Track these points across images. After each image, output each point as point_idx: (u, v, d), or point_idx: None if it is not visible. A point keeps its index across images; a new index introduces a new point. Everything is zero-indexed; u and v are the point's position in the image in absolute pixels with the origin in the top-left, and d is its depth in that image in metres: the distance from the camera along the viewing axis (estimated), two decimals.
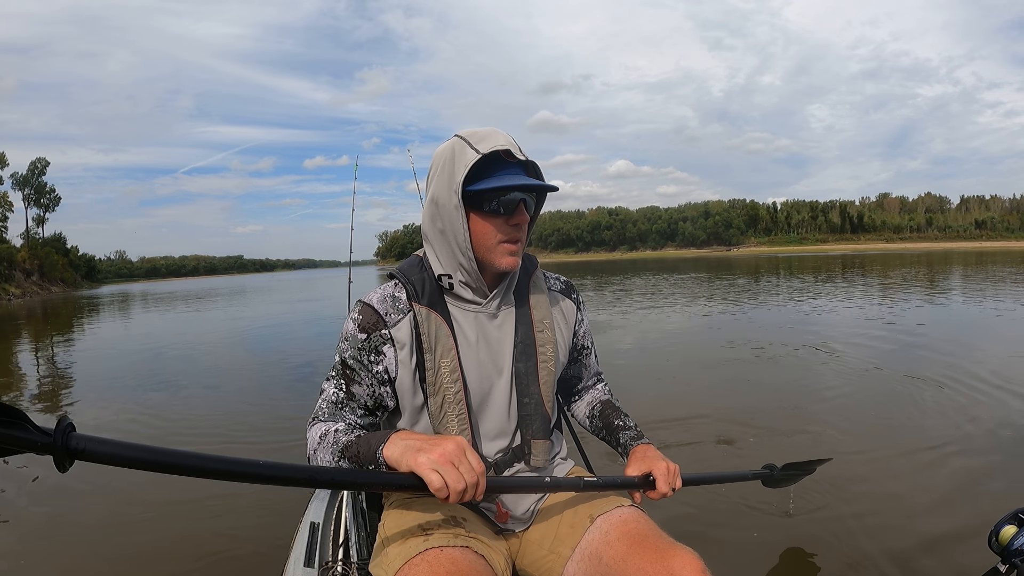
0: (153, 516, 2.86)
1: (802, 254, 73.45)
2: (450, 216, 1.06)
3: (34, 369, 8.91)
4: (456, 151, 1.06)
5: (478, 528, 1.10)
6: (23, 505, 3.13)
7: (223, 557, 2.43)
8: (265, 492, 2.91)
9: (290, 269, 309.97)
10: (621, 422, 1.31)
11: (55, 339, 12.83)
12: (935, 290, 13.60)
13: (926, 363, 5.58)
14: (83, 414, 5.31)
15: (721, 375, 5.62)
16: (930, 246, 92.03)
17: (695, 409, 4.36)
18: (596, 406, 1.37)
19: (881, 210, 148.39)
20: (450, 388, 1.09)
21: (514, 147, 1.07)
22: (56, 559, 2.54)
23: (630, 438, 1.28)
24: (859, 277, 19.66)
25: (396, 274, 1.16)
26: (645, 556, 0.99)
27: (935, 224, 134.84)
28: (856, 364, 5.74)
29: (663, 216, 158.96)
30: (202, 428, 4.65)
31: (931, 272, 20.92)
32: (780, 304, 12.01)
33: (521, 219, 1.08)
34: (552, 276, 1.31)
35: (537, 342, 1.17)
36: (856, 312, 9.99)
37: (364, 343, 1.08)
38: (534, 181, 1.08)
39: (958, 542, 2.18)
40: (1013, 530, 1.11)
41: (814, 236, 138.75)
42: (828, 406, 4.32)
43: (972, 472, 2.88)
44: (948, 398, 4.30)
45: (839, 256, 54.65)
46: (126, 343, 11.82)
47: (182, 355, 9.15)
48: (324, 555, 1.36)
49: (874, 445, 3.32)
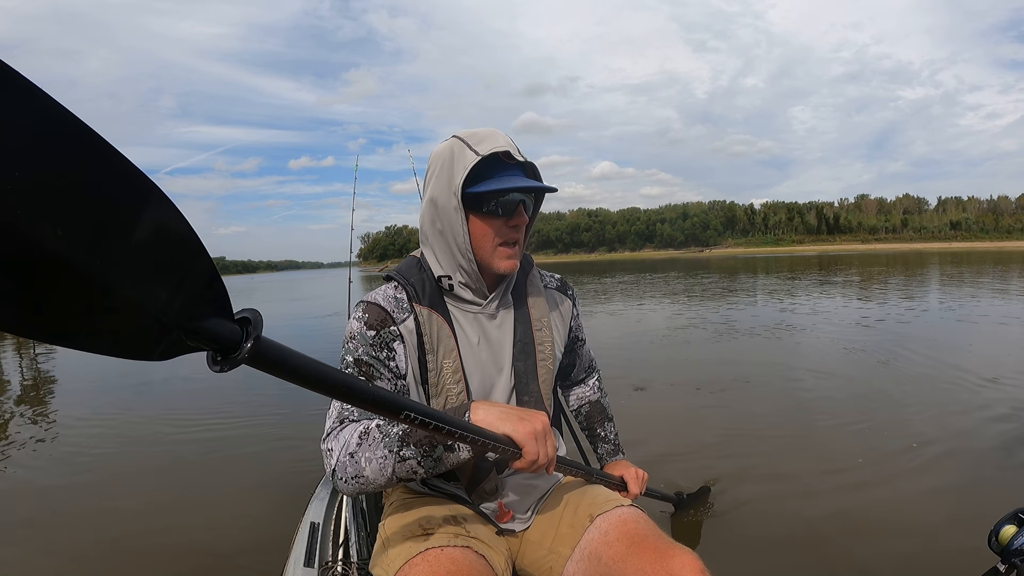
0: (152, 515, 2.81)
1: (774, 255, 73.89)
2: (449, 217, 1.06)
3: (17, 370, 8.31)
4: (455, 152, 1.05)
5: (478, 528, 1.09)
6: (23, 504, 3.06)
7: (223, 557, 2.39)
8: (265, 491, 2.98)
9: (272, 271, 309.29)
10: (603, 432, 1.44)
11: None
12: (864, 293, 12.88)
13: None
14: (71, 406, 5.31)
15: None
16: (901, 247, 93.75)
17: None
18: (585, 406, 1.45)
19: (859, 211, 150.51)
20: (453, 388, 1.09)
21: (513, 148, 1.07)
22: (53, 557, 2.47)
23: (608, 451, 1.43)
24: (808, 278, 18.97)
25: (395, 276, 1.14)
26: (644, 556, 0.99)
27: (910, 225, 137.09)
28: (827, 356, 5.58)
29: (641, 218, 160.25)
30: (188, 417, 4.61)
31: (879, 273, 20.70)
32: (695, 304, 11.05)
33: (520, 221, 1.08)
34: (547, 274, 1.33)
35: (536, 341, 1.18)
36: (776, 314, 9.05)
37: (375, 339, 1.05)
38: (533, 183, 1.08)
39: (958, 542, 2.15)
40: (1013, 530, 1.09)
41: (790, 237, 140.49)
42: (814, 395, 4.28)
43: (972, 472, 2.81)
44: (929, 392, 4.23)
45: (811, 256, 55.56)
46: None
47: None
48: (324, 555, 1.37)
49: (871, 445, 3.20)
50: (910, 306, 9.46)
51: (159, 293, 0.43)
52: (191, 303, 0.45)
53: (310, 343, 9.00)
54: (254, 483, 3.13)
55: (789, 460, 3.02)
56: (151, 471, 3.41)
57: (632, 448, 2.34)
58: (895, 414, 3.69)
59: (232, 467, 3.40)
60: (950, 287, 13.15)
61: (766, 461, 3.02)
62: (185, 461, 3.55)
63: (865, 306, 9.90)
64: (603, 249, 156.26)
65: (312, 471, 2.80)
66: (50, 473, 3.49)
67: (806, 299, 11.48)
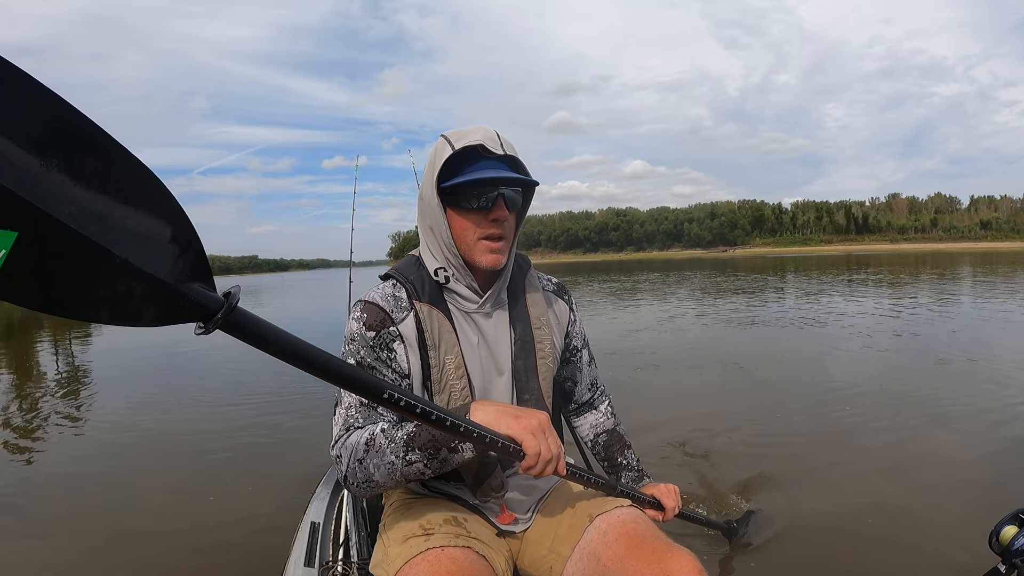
0: (152, 515, 2.84)
1: (801, 254, 73.61)
2: (433, 213, 1.06)
3: (54, 362, 8.90)
4: (438, 148, 1.06)
5: (479, 528, 1.10)
6: (17, 499, 3.14)
7: (223, 556, 2.42)
8: (265, 491, 3.02)
9: (305, 269, 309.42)
10: (624, 460, 1.34)
11: (74, 334, 12.65)
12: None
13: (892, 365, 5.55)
14: (106, 401, 5.51)
15: None
16: (925, 247, 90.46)
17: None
18: (602, 435, 1.36)
19: (890, 211, 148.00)
20: (456, 385, 1.08)
21: (492, 141, 1.04)
22: (51, 555, 2.52)
23: (633, 479, 1.32)
24: (809, 279, 19.37)
25: (393, 274, 1.13)
26: (642, 557, 0.99)
27: (940, 225, 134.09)
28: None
29: (670, 217, 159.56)
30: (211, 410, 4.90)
31: (904, 274, 20.50)
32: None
33: (500, 214, 1.05)
34: (544, 277, 1.30)
35: (535, 339, 1.17)
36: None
37: (374, 341, 1.05)
38: (508, 174, 1.04)
39: (958, 542, 2.18)
40: (1014, 530, 1.08)
41: (819, 237, 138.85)
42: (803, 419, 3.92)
43: (971, 471, 2.86)
44: (934, 394, 4.28)
45: (838, 256, 55.05)
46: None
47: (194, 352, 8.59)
48: (324, 555, 1.37)
49: (871, 445, 3.29)
50: (922, 307, 9.54)
51: (155, 261, 0.51)
52: (182, 272, 0.54)
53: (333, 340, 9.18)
54: (254, 483, 3.16)
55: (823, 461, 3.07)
56: (161, 467, 3.53)
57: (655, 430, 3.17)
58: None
59: (233, 467, 3.45)
60: (979, 288, 13.00)
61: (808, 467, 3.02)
62: (192, 456, 3.69)
63: (882, 307, 9.97)
64: (631, 248, 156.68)
65: (313, 472, 2.59)
66: (77, 464, 3.65)
67: (831, 300, 11.62)
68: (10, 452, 3.99)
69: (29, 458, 3.90)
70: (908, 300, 10.97)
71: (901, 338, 6.71)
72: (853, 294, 12.83)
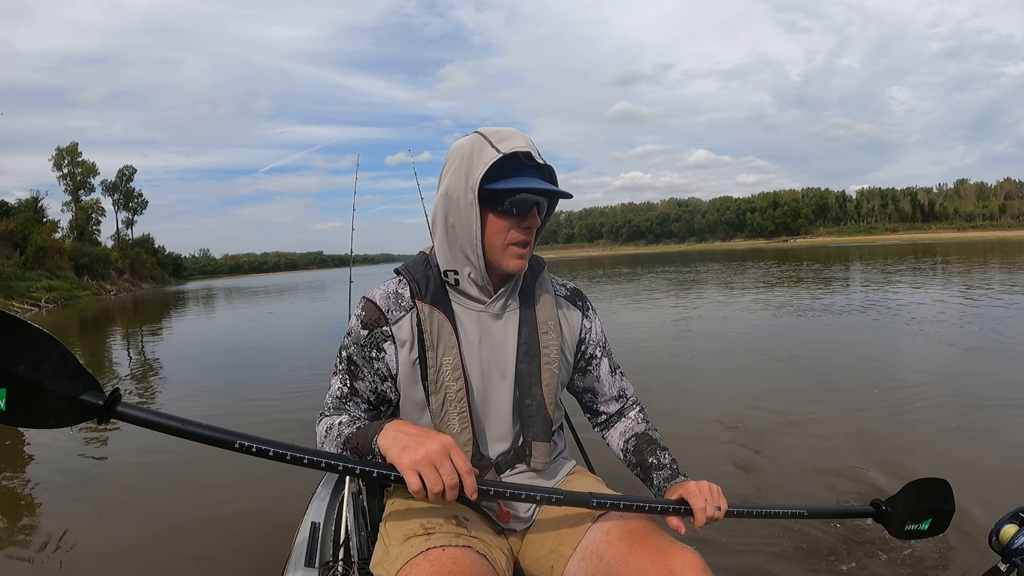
0: (152, 515, 2.84)
1: (866, 243, 72.26)
2: (464, 212, 1.07)
3: (126, 353, 9.97)
4: (476, 148, 1.07)
5: (480, 527, 1.11)
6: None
7: (223, 556, 2.40)
8: (265, 490, 3.05)
9: (369, 264, 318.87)
10: (655, 459, 1.24)
11: (164, 324, 14.96)
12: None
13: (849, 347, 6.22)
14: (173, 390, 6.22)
15: None
16: (993, 235, 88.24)
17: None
18: (631, 440, 1.30)
19: (958, 197, 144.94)
20: (452, 386, 1.10)
21: (534, 150, 1.07)
22: (51, 554, 2.54)
23: (664, 479, 1.20)
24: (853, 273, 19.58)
25: (401, 271, 1.18)
26: (646, 555, 1.00)
27: (1009, 211, 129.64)
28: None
29: (732, 207, 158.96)
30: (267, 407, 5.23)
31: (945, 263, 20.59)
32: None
33: (533, 223, 1.10)
34: (559, 282, 1.30)
35: (541, 343, 1.17)
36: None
37: (366, 339, 1.11)
38: (551, 186, 1.10)
39: (958, 542, 2.16)
40: (1014, 529, 1.08)
41: (883, 225, 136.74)
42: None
43: (971, 471, 2.85)
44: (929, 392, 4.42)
45: (904, 245, 54.49)
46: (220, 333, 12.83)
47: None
48: (325, 555, 1.39)
49: (872, 445, 3.29)
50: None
51: (63, 386, 0.82)
52: (75, 389, 0.83)
53: None
54: (254, 483, 3.19)
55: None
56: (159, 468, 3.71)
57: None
58: None
59: (233, 467, 3.46)
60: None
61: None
62: (192, 455, 3.74)
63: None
64: (693, 239, 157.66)
65: (313, 472, 2.46)
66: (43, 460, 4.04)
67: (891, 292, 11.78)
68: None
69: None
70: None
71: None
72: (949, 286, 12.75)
